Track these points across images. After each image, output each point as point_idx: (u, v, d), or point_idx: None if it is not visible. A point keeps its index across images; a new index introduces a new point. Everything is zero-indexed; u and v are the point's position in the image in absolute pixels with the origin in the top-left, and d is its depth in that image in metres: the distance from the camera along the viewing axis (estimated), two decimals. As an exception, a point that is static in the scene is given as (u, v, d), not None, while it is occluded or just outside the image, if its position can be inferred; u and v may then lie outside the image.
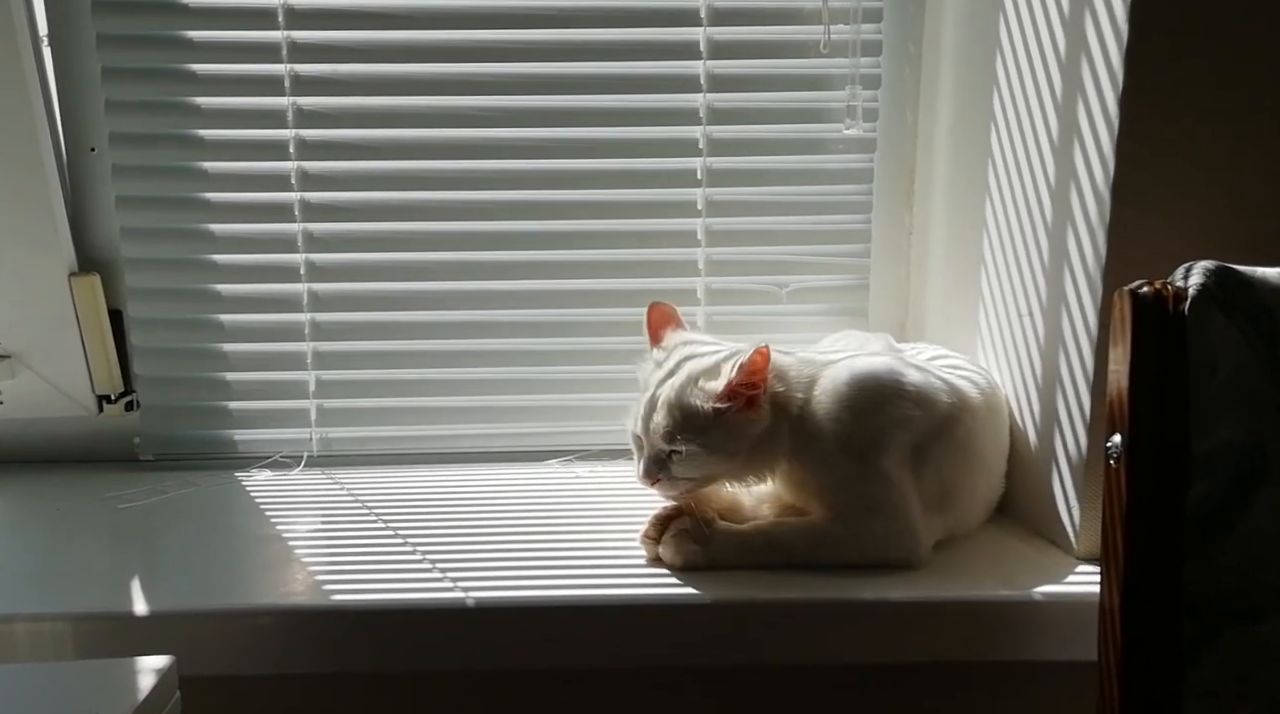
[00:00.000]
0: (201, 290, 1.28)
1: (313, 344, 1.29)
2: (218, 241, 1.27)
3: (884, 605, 0.95)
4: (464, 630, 0.95)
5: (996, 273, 1.14)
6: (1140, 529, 0.79)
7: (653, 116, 1.26)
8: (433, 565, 1.01)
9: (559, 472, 1.28)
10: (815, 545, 0.98)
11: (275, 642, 0.94)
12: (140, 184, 1.25)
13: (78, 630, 0.92)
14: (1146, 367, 0.78)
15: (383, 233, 1.27)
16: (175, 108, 1.24)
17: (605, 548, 1.05)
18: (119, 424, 1.30)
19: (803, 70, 1.26)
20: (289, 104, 1.23)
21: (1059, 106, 1.02)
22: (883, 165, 1.29)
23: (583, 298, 1.30)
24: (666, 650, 0.96)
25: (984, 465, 1.07)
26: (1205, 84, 0.94)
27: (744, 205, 1.29)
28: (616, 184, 1.28)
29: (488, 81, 1.24)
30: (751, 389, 0.97)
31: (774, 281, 1.30)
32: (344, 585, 0.97)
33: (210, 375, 1.30)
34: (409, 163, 1.26)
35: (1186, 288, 0.78)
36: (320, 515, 1.15)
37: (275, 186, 1.25)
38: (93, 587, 0.99)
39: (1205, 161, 0.95)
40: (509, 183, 1.27)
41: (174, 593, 0.97)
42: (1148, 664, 0.79)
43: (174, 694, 0.77)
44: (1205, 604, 0.78)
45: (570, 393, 1.32)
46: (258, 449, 1.31)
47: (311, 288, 1.28)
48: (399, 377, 1.31)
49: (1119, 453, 0.79)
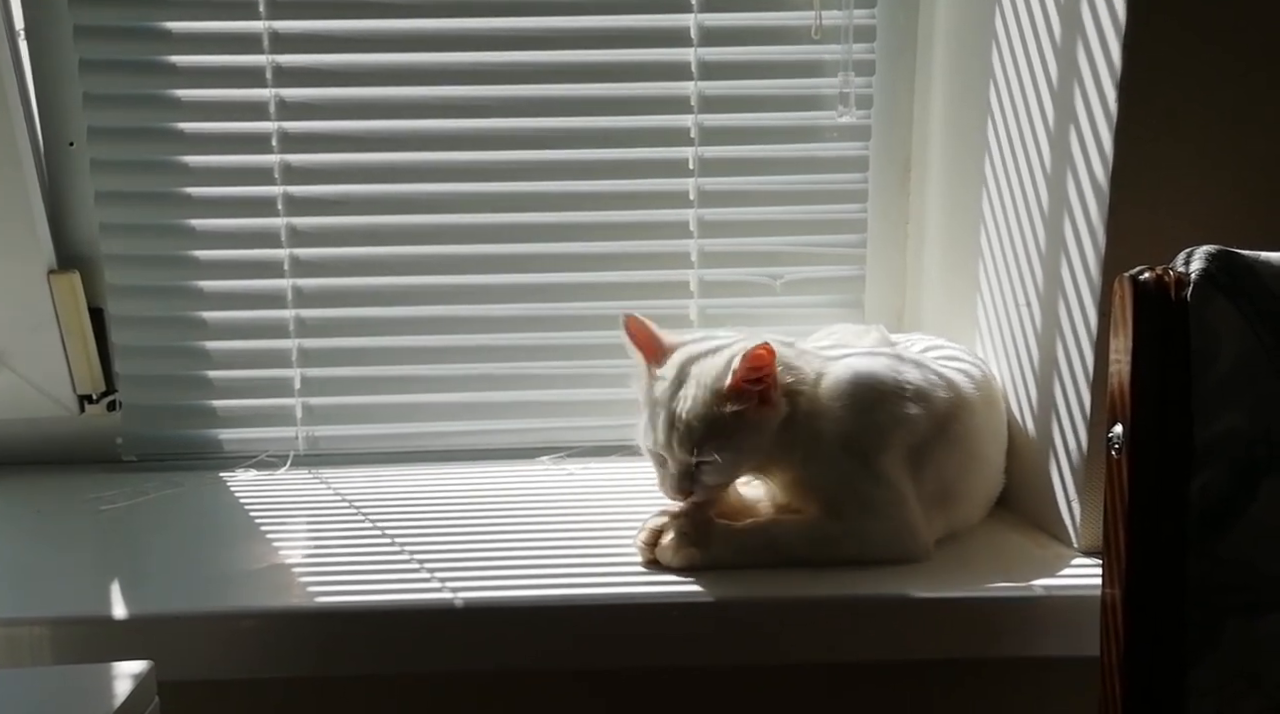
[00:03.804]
0: (184, 287, 1.26)
1: (298, 341, 1.27)
2: (200, 237, 1.24)
3: (884, 602, 0.93)
4: (453, 632, 0.93)
5: (993, 262, 1.12)
6: (1142, 521, 0.77)
7: (643, 105, 1.24)
8: (420, 565, 0.99)
9: (550, 469, 1.25)
10: (814, 544, 0.96)
11: (258, 645, 0.92)
12: (120, 179, 1.23)
13: (56, 635, 0.90)
14: (1148, 354, 0.76)
15: (368, 227, 1.25)
16: (155, 101, 1.22)
17: (598, 547, 1.03)
18: (101, 424, 1.27)
19: (795, 56, 1.24)
20: (271, 96, 1.21)
21: (1055, 93, 1.00)
22: (878, 153, 1.27)
23: (574, 291, 1.28)
24: (663, 650, 0.94)
25: (983, 461, 1.05)
26: (1206, 70, 0.92)
27: (737, 195, 1.27)
28: (607, 174, 1.25)
29: (474, 71, 1.22)
30: (760, 383, 0.94)
31: (768, 273, 1.28)
32: (330, 587, 0.95)
33: (193, 374, 1.28)
34: (395, 155, 1.23)
35: (1188, 273, 0.76)
36: (306, 516, 1.12)
37: (258, 180, 1.23)
38: (72, 590, 0.97)
39: (1206, 149, 0.93)
40: (497, 175, 1.25)
41: (155, 596, 0.95)
42: (1150, 659, 0.77)
43: (152, 699, 0.75)
44: (1208, 597, 0.76)
45: (561, 388, 1.29)
46: (243, 448, 1.28)
47: (296, 283, 1.25)
48: (386, 373, 1.28)
49: (1121, 443, 0.77)
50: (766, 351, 0.93)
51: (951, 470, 1.01)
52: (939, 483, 0.99)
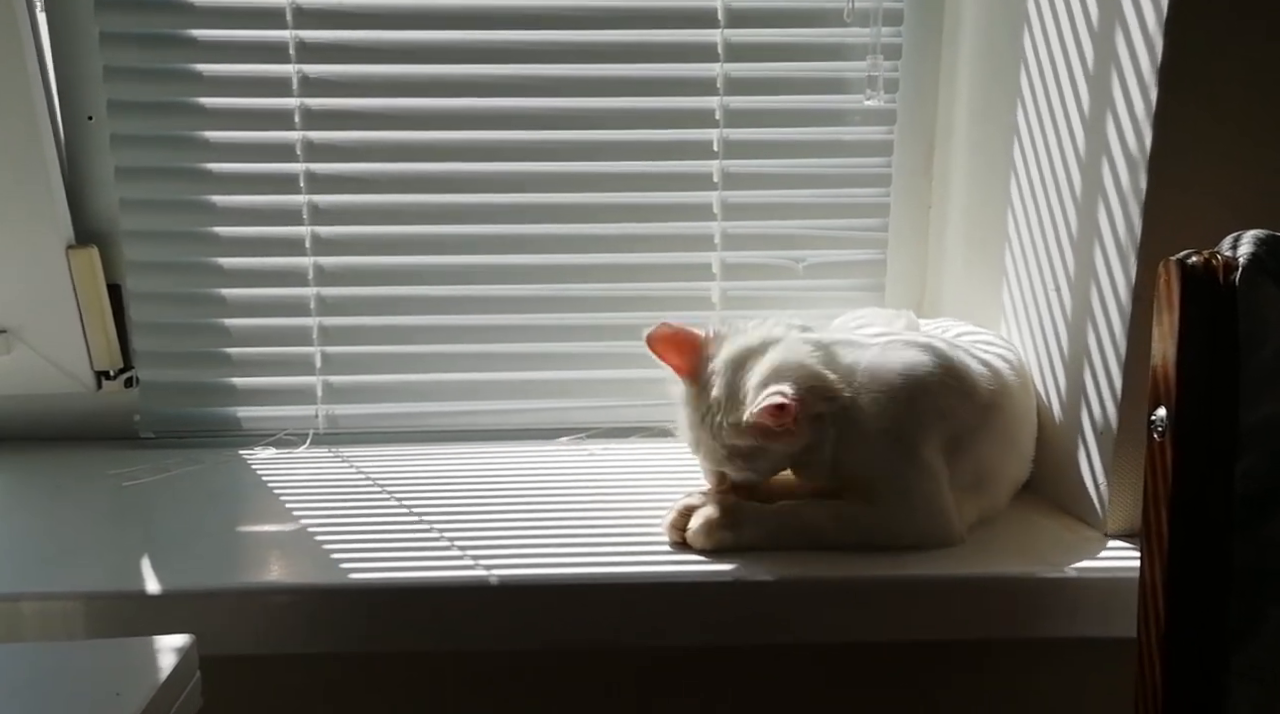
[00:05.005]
0: (203, 263, 1.24)
1: (319, 319, 1.25)
2: (220, 213, 1.23)
3: (910, 583, 0.94)
4: (487, 609, 0.92)
5: (1021, 247, 1.12)
6: (1186, 505, 0.77)
7: (668, 86, 1.23)
8: (451, 543, 0.98)
9: (571, 449, 1.25)
10: (847, 529, 0.96)
11: (292, 621, 0.92)
12: (140, 154, 1.21)
13: (89, 610, 0.89)
14: (1195, 339, 0.76)
15: (391, 205, 1.24)
16: (176, 75, 1.20)
17: (625, 526, 1.03)
18: (118, 401, 1.26)
19: (822, 39, 1.23)
20: (294, 72, 1.19)
21: (1091, 77, 1.00)
22: (903, 138, 1.26)
23: (596, 273, 1.27)
24: (696, 629, 0.94)
25: (1018, 447, 1.05)
26: (1248, 52, 0.92)
27: (761, 178, 1.26)
28: (631, 155, 1.25)
29: (498, 50, 1.20)
30: (779, 425, 0.91)
31: (791, 256, 1.28)
32: (362, 564, 0.95)
33: (212, 351, 1.26)
34: (418, 134, 1.22)
35: (1236, 257, 0.76)
36: (331, 493, 1.12)
37: (280, 157, 1.21)
38: (100, 565, 0.96)
39: (1246, 133, 0.93)
40: (519, 155, 1.24)
41: (184, 571, 0.94)
42: (1192, 643, 0.77)
43: (194, 674, 0.75)
44: (1252, 581, 0.76)
45: (581, 369, 1.29)
46: (261, 426, 1.27)
47: (318, 261, 1.24)
48: (407, 352, 1.27)
49: (1164, 427, 0.77)
50: (787, 405, 0.90)
51: (990, 458, 1.01)
52: (976, 470, 0.99)
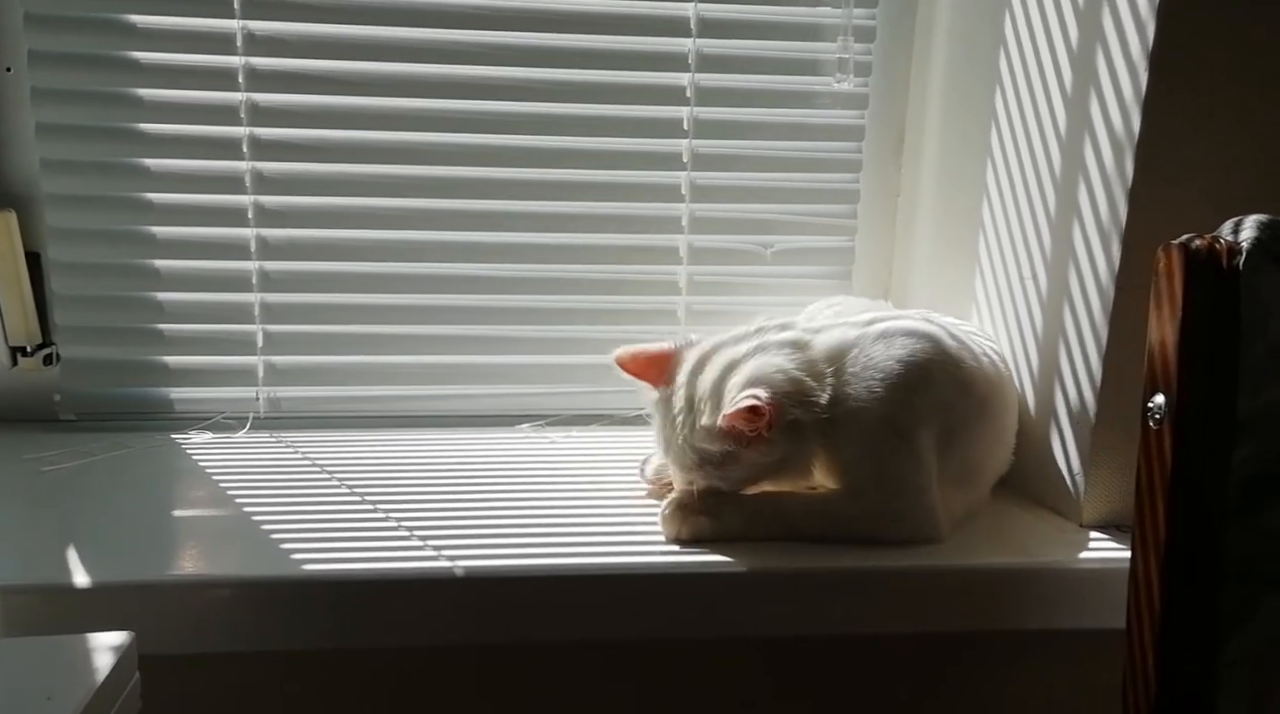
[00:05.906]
0: (133, 232, 1.15)
1: (261, 295, 1.18)
2: (154, 178, 1.14)
3: (895, 574, 0.91)
4: (452, 602, 0.87)
5: (997, 234, 1.11)
6: (1183, 493, 0.75)
7: (637, 60, 1.19)
8: (410, 533, 0.92)
9: (530, 437, 1.20)
10: (829, 522, 0.93)
11: (236, 616, 0.85)
12: (64, 110, 1.12)
13: (6, 605, 0.81)
14: (1196, 325, 0.75)
15: (342, 175, 1.17)
16: (106, 25, 1.11)
17: (592, 516, 0.98)
18: (36, 379, 1.17)
19: (794, 18, 1.20)
20: (239, 28, 1.11)
21: (1076, 61, 0.98)
22: (874, 122, 1.24)
23: (558, 253, 1.22)
24: (667, 622, 0.90)
25: (1003, 441, 1.03)
26: (1239, 40, 0.91)
27: (731, 159, 1.22)
28: (598, 132, 1.19)
29: (457, 15, 1.15)
30: (754, 428, 0.88)
31: (759, 241, 1.25)
32: (314, 554, 0.88)
33: (142, 327, 1.17)
34: (370, 99, 1.15)
35: (1238, 242, 0.75)
36: (275, 479, 1.04)
37: (221, 119, 1.13)
38: (18, 557, 0.87)
39: (1235, 120, 0.92)
40: (480, 126, 1.17)
41: (114, 563, 0.86)
42: (1185, 631, 0.76)
43: (134, 675, 0.68)
44: (1246, 570, 0.75)
45: (543, 354, 1.24)
46: (196, 409, 1.19)
47: (261, 233, 1.16)
48: (356, 332, 1.20)
49: (1163, 414, 0.76)
50: (760, 407, 0.86)
51: (978, 452, 0.99)
52: (965, 463, 0.97)
